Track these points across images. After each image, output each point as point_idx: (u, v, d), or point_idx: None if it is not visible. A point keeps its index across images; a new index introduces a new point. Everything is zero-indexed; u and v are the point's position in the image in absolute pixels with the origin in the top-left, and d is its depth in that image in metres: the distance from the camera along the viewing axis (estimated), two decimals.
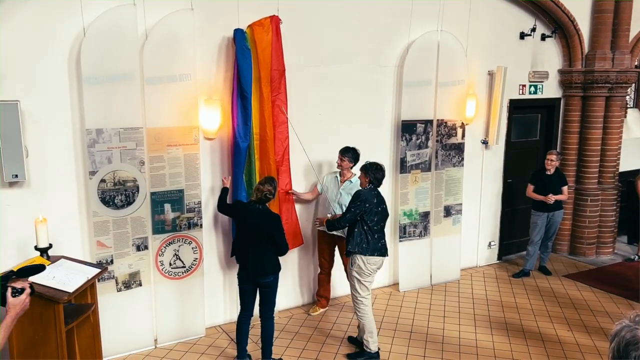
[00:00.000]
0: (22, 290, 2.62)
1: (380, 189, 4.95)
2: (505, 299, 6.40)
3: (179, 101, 4.95)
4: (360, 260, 4.80)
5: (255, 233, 4.56)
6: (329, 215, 5.51)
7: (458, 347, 5.26)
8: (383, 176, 4.91)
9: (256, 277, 4.59)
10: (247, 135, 5.12)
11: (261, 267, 4.57)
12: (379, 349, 5.02)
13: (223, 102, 5.22)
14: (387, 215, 4.98)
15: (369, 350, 4.97)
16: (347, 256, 5.04)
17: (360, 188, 4.93)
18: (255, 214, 4.57)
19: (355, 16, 5.89)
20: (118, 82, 4.63)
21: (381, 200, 4.89)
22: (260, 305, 4.74)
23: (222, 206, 5.00)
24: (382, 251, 4.89)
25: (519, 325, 5.74)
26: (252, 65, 5.09)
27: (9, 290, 2.60)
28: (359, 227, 4.79)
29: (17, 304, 2.60)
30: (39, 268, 2.98)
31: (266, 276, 4.59)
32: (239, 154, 5.14)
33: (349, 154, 5.46)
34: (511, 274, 7.17)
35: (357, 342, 5.19)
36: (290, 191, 5.57)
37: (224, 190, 5.06)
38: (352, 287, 4.95)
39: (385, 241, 4.94)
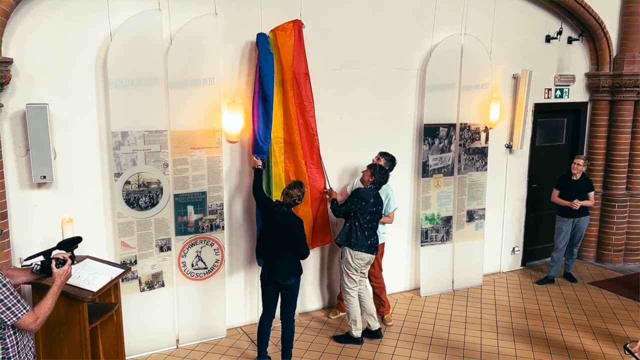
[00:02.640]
0: (65, 261, 3.03)
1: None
2: (529, 306, 6.30)
3: (203, 104, 5.01)
4: (348, 253, 5.12)
5: (277, 235, 4.60)
6: (335, 193, 5.53)
7: (480, 354, 5.20)
8: (386, 181, 5.28)
9: (277, 279, 4.62)
10: (267, 138, 5.15)
11: (281, 269, 4.60)
12: (362, 335, 5.36)
13: (246, 106, 5.27)
14: (380, 215, 5.26)
15: (352, 336, 5.32)
16: (338, 245, 5.33)
17: (361, 185, 5.21)
18: (279, 216, 4.60)
19: (378, 20, 5.88)
20: (143, 85, 4.72)
21: (378, 202, 5.18)
22: (281, 307, 4.78)
23: (258, 190, 4.89)
24: (371, 249, 5.15)
25: (543, 333, 5.64)
26: (275, 69, 5.12)
27: (53, 262, 2.99)
28: (351, 222, 5.09)
29: (61, 273, 3.00)
30: (76, 240, 3.32)
31: (287, 279, 4.62)
32: (260, 156, 5.17)
33: (387, 157, 5.50)
34: (535, 281, 7.06)
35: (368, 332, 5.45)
36: (325, 190, 5.56)
37: (258, 172, 4.98)
38: (341, 277, 5.29)
39: (375, 240, 5.19)
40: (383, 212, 5.53)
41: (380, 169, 5.18)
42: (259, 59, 5.05)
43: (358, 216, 5.06)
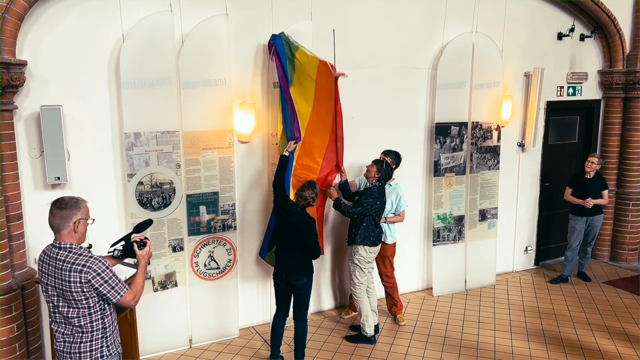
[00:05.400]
0: (145, 243, 3.21)
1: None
2: (543, 306, 6.25)
3: (214, 105, 5.03)
4: (363, 250, 5.22)
5: (289, 234, 4.61)
6: (334, 192, 5.40)
7: (493, 354, 5.17)
8: (391, 177, 5.36)
9: (289, 278, 4.63)
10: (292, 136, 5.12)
11: (293, 269, 4.61)
12: (375, 334, 5.36)
13: (257, 106, 5.28)
14: (385, 208, 5.37)
15: (365, 334, 5.31)
16: (349, 245, 5.35)
17: (369, 184, 5.25)
18: (292, 215, 4.59)
19: (389, 18, 5.87)
20: (155, 86, 4.74)
21: (385, 198, 5.27)
22: (293, 307, 4.79)
23: (278, 179, 4.80)
24: (381, 240, 5.36)
25: (557, 333, 5.59)
26: (307, 88, 5.07)
27: (135, 245, 3.19)
28: (367, 222, 5.17)
29: (144, 254, 3.20)
30: (149, 223, 3.56)
31: (298, 278, 4.62)
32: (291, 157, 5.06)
33: (392, 155, 5.50)
34: (548, 280, 7.00)
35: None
36: (326, 191, 5.38)
37: (283, 160, 4.87)
38: (353, 273, 5.31)
39: (381, 229, 5.35)
40: (394, 212, 5.53)
41: (387, 165, 5.23)
42: (280, 61, 4.96)
43: (373, 214, 5.14)
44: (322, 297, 6.06)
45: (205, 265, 5.22)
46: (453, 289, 6.58)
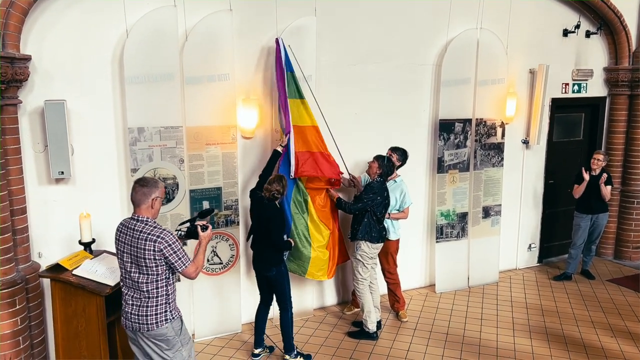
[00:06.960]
0: (207, 226, 3.62)
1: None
2: (546, 304, 6.23)
3: (218, 101, 5.03)
4: (365, 246, 5.20)
5: (259, 226, 4.68)
6: (335, 193, 5.44)
7: (495, 351, 5.16)
8: (392, 173, 5.37)
9: (260, 269, 4.75)
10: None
11: (262, 259, 4.70)
12: (377, 330, 5.36)
13: (260, 102, 5.28)
14: (389, 204, 5.30)
15: (367, 330, 5.31)
16: (351, 240, 5.32)
17: (370, 180, 5.23)
18: (260, 206, 4.65)
19: (393, 14, 5.85)
20: (159, 82, 4.74)
21: (388, 194, 5.24)
22: (275, 298, 4.87)
23: (264, 173, 4.97)
24: (384, 238, 5.35)
25: (560, 331, 5.58)
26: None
27: (199, 227, 3.58)
28: (369, 218, 5.15)
29: (206, 236, 3.60)
30: (212, 210, 4.05)
31: (267, 269, 4.69)
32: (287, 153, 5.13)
33: (399, 152, 5.50)
34: (552, 278, 6.99)
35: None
36: (329, 192, 5.44)
37: (274, 155, 5.06)
38: (355, 269, 5.32)
39: (383, 227, 5.31)
40: (398, 208, 5.53)
41: (388, 161, 5.22)
42: (282, 63, 4.98)
43: (375, 211, 5.13)
44: (324, 293, 6.06)
45: (208, 261, 5.23)
46: (456, 286, 6.58)
